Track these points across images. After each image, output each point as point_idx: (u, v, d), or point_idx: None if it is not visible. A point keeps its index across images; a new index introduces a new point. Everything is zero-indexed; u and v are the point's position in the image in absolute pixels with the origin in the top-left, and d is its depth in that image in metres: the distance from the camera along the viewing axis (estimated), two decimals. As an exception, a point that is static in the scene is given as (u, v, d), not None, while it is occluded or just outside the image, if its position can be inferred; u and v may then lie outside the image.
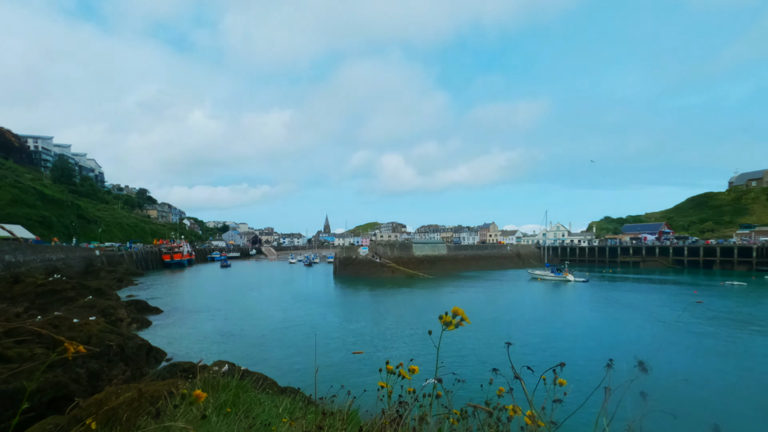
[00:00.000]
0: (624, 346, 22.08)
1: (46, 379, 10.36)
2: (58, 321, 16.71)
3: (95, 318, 20.00)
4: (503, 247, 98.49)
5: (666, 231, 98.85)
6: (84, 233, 76.70)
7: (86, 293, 30.15)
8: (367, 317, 30.86)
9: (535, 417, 1.73)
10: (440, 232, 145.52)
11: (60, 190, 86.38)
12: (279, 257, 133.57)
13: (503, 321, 29.16)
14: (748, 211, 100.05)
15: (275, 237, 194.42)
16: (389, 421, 2.25)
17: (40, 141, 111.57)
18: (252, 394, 4.02)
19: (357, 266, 64.93)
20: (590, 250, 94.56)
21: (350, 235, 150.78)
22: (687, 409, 12.99)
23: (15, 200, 63.12)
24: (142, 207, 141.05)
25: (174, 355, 19.31)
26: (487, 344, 21.79)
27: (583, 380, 15.42)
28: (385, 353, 20.72)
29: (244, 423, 2.83)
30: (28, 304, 25.50)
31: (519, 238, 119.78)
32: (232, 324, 28.22)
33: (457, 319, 1.68)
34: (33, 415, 7.98)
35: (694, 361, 19.43)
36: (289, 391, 8.05)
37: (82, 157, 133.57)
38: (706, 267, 73.78)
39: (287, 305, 36.72)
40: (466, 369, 17.22)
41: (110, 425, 2.99)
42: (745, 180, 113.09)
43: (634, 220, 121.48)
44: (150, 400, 3.84)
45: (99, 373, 13.22)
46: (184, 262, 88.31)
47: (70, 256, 51.84)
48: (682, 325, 26.99)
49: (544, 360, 19.35)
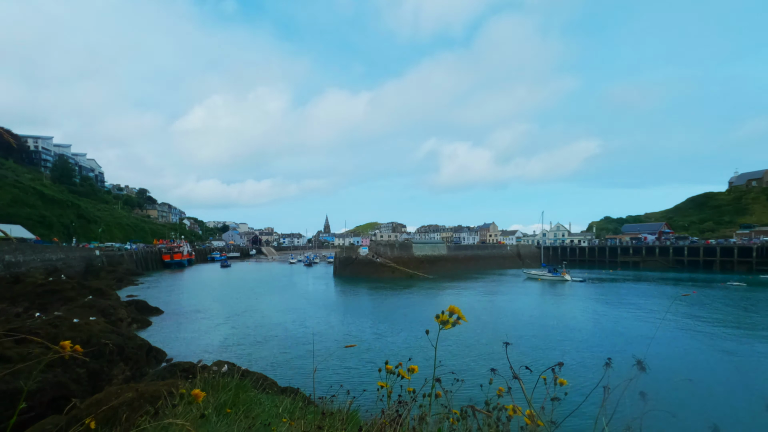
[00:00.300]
0: (624, 345, 22.07)
1: (46, 379, 10.35)
2: (58, 321, 16.70)
3: (95, 318, 20.01)
4: (503, 247, 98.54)
5: (666, 231, 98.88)
6: (84, 233, 76.66)
7: (86, 293, 30.14)
8: (368, 317, 30.85)
9: (534, 417, 1.73)
10: (440, 232, 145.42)
11: (60, 190, 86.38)
12: (279, 257, 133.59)
13: (502, 321, 29.15)
14: (748, 211, 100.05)
15: (275, 237, 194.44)
16: (389, 421, 2.25)
17: (40, 141, 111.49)
18: (252, 394, 4.02)
19: (357, 266, 64.90)
20: (590, 250, 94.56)
21: (350, 235, 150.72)
22: (686, 409, 13.00)
23: (15, 200, 63.11)
24: (142, 207, 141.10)
25: (174, 355, 19.29)
26: (487, 344, 21.79)
27: (582, 380, 15.42)
28: (385, 353, 20.71)
29: (244, 423, 2.83)
30: (28, 304, 25.49)
31: (519, 238, 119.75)
32: (231, 324, 28.22)
33: (454, 317, 1.66)
34: (33, 415, 7.98)
35: (693, 361, 19.43)
36: (289, 391, 8.05)
37: (82, 157, 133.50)
38: (706, 267, 73.79)
39: (287, 305, 36.71)
40: (466, 369, 17.22)
41: (110, 425, 2.99)
42: (745, 180, 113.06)
43: (634, 220, 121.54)
44: (149, 400, 3.84)
45: (99, 373, 13.22)
46: (184, 262, 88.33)
47: (70, 256, 51.81)
48: (681, 325, 26.98)
49: (544, 359, 19.35)
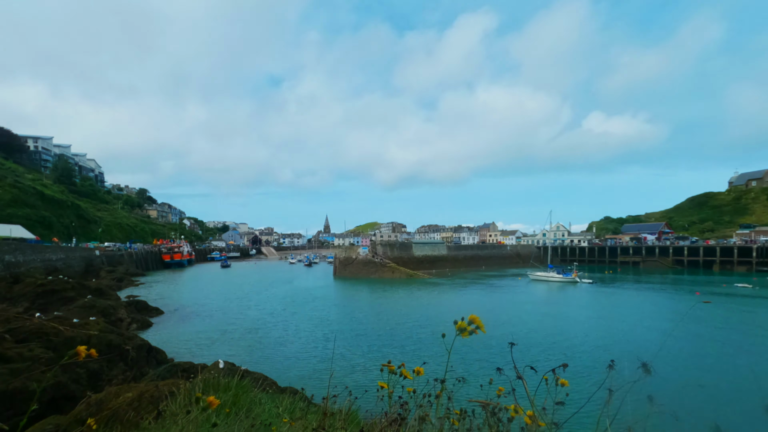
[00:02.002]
0: (630, 347, 22.07)
1: (46, 379, 10.35)
2: (58, 321, 16.68)
3: (95, 318, 19.99)
4: (503, 247, 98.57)
5: (666, 231, 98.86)
6: (84, 233, 76.66)
7: (86, 293, 30.11)
8: (368, 318, 30.84)
9: (536, 417, 1.72)
10: (440, 232, 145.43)
11: (60, 190, 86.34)
12: (279, 257, 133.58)
13: (503, 321, 29.13)
14: (748, 211, 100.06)
15: (275, 237, 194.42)
16: (390, 421, 2.24)
17: (40, 141, 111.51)
18: (252, 394, 4.01)
19: (357, 266, 64.91)
20: (590, 250, 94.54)
21: (350, 235, 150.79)
22: (690, 411, 12.99)
23: (15, 200, 63.08)
24: (142, 207, 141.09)
25: (174, 355, 19.27)
26: (487, 344, 21.77)
27: (585, 381, 15.43)
28: (385, 354, 20.72)
29: (245, 423, 2.82)
30: (28, 304, 25.47)
31: (519, 238, 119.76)
32: (232, 324, 28.20)
33: (473, 326, 1.62)
34: (33, 415, 7.97)
35: (698, 364, 19.41)
36: (290, 391, 8.04)
37: (82, 157, 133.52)
38: (706, 267, 73.76)
39: (287, 306, 36.71)
40: (467, 369, 17.21)
41: (111, 425, 2.99)
42: (745, 180, 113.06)
43: (634, 220, 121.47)
44: (150, 401, 3.84)
45: (99, 373, 13.20)
46: (184, 262, 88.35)
47: (70, 256, 51.81)
48: (686, 328, 26.97)
49: (547, 360, 19.35)
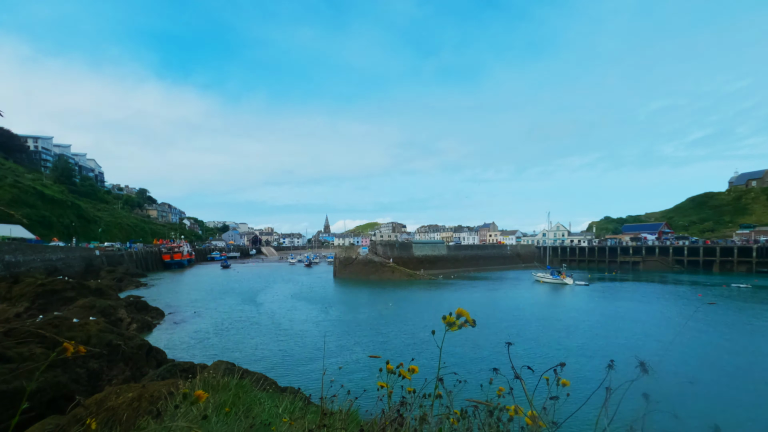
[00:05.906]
0: (629, 348, 22.07)
1: (46, 378, 10.35)
2: (58, 321, 16.68)
3: (95, 318, 19.99)
4: (503, 247, 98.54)
5: (666, 231, 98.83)
6: (84, 233, 76.64)
7: (86, 293, 30.11)
8: (368, 318, 30.84)
9: (536, 417, 1.72)
10: (440, 232, 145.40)
11: (60, 190, 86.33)
12: (279, 257, 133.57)
13: (503, 321, 29.13)
14: (748, 211, 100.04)
15: (275, 237, 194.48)
16: (389, 421, 2.24)
17: (40, 141, 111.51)
18: (252, 394, 4.01)
19: (357, 266, 64.89)
20: (590, 250, 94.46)
21: (350, 235, 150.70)
22: (689, 411, 12.98)
23: (15, 200, 63.10)
24: (142, 207, 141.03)
25: (174, 355, 19.28)
26: (488, 345, 21.78)
27: (584, 381, 15.42)
28: (385, 354, 20.71)
29: (244, 423, 2.82)
30: (28, 304, 25.47)
31: (519, 238, 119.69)
32: (232, 324, 28.21)
33: (461, 320, 1.61)
34: (33, 415, 7.97)
35: (698, 364, 19.41)
36: (289, 391, 8.04)
37: (82, 157, 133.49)
38: (706, 267, 73.74)
39: (287, 306, 36.71)
40: (467, 369, 17.21)
41: (110, 425, 2.99)
42: (745, 180, 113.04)
43: (634, 220, 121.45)
44: (150, 400, 3.84)
45: (99, 373, 13.20)
46: (184, 262, 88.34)
47: (70, 256, 51.81)
48: (687, 328, 26.96)
49: (546, 359, 19.35)
